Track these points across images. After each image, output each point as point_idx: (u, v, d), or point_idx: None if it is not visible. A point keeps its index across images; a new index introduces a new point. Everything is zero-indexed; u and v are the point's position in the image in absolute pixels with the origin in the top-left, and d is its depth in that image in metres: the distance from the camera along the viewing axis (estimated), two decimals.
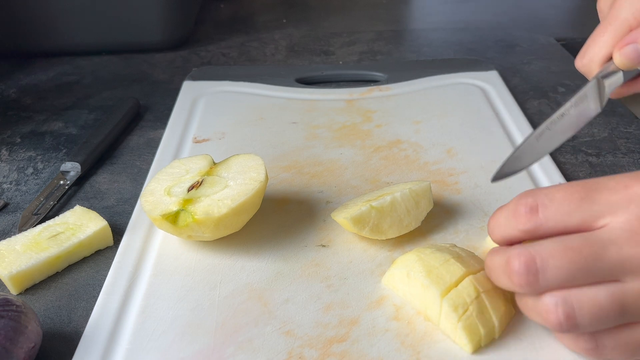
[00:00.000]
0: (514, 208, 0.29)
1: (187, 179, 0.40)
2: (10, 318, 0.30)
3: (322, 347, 0.32)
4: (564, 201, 0.28)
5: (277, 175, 0.47)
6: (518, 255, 0.28)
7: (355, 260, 0.38)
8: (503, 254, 0.29)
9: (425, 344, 0.32)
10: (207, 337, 0.33)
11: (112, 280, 0.37)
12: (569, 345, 0.30)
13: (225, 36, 0.83)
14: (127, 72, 0.71)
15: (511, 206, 0.29)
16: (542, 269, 0.27)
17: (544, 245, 0.27)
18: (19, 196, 0.48)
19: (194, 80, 0.64)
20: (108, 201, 0.47)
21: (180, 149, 0.52)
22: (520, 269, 0.27)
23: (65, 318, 0.36)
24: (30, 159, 0.53)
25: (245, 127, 0.55)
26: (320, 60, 0.74)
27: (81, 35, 0.73)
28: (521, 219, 0.28)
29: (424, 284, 0.33)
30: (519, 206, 0.29)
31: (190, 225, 0.36)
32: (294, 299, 0.35)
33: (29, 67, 0.72)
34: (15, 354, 0.29)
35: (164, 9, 0.73)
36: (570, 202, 0.27)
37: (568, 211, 0.27)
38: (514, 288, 0.28)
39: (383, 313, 0.34)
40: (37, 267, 0.38)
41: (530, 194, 0.29)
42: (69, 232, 0.40)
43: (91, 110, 0.62)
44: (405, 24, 0.89)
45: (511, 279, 0.28)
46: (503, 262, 0.28)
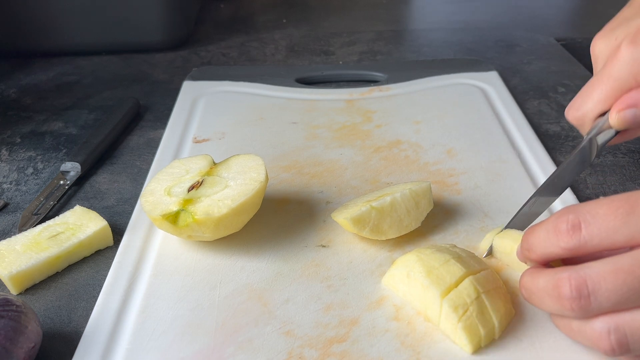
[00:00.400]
0: (555, 225, 0.28)
1: (187, 179, 0.40)
2: (10, 318, 0.30)
3: (322, 347, 0.32)
4: (609, 217, 0.26)
5: (277, 176, 0.47)
6: (568, 279, 0.27)
7: (355, 261, 0.38)
8: (549, 276, 0.28)
9: (425, 344, 0.32)
10: (207, 337, 0.33)
11: (112, 280, 0.37)
12: None
13: (225, 36, 0.83)
14: (127, 72, 0.71)
15: (551, 223, 0.28)
16: (594, 293, 0.26)
17: (594, 267, 0.26)
18: (19, 196, 0.48)
19: (194, 80, 0.64)
20: (108, 201, 0.47)
21: (180, 149, 0.52)
22: (572, 294, 0.26)
23: (65, 318, 0.36)
24: (30, 159, 0.53)
25: (245, 127, 0.55)
26: (320, 60, 0.74)
27: (81, 35, 0.73)
28: (563, 236, 0.27)
29: (424, 284, 0.33)
30: (560, 223, 0.28)
31: (190, 225, 0.36)
32: (294, 299, 0.35)
33: (29, 67, 0.72)
34: (15, 354, 0.29)
35: (164, 9, 0.73)
36: (615, 217, 0.26)
37: (614, 227, 0.26)
38: (562, 312, 0.27)
39: (383, 313, 0.34)
40: (37, 267, 0.38)
41: (571, 210, 0.28)
42: (69, 232, 0.40)
43: (91, 110, 0.62)
44: (405, 24, 0.89)
45: (561, 303, 0.27)
46: (550, 286, 0.28)
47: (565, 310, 0.27)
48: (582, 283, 0.26)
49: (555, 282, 0.27)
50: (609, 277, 0.26)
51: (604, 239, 0.26)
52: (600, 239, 0.26)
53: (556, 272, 0.28)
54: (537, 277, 0.29)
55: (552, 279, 0.28)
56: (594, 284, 0.26)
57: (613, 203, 0.27)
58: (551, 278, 0.28)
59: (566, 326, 0.29)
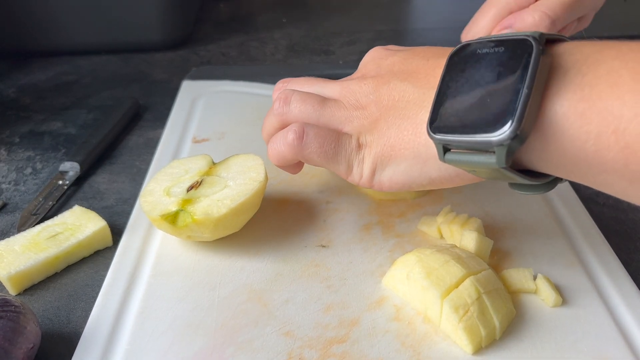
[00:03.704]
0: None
1: (186, 179, 0.40)
2: (9, 319, 0.30)
3: (322, 348, 0.32)
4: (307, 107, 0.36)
5: (277, 176, 0.47)
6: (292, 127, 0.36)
7: (356, 261, 0.38)
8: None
9: (426, 344, 0.32)
10: (206, 338, 0.33)
11: (111, 281, 0.37)
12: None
13: (225, 36, 0.83)
14: (127, 71, 0.71)
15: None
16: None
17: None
18: (18, 196, 0.48)
19: (193, 80, 0.64)
20: (107, 201, 0.47)
21: (179, 149, 0.52)
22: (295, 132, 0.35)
23: (64, 319, 0.36)
24: (29, 158, 0.53)
25: (245, 127, 0.55)
26: (321, 60, 0.73)
27: (80, 34, 0.73)
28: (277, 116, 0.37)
29: (423, 285, 0.33)
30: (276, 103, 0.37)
31: (190, 225, 0.36)
32: (293, 300, 0.35)
33: (28, 67, 0.72)
34: (14, 354, 0.29)
35: (163, 9, 0.73)
36: (312, 107, 0.36)
37: (309, 114, 0.36)
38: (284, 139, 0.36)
39: (383, 314, 0.34)
40: (36, 268, 0.38)
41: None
42: (68, 232, 0.40)
43: (90, 110, 0.62)
44: (405, 23, 0.89)
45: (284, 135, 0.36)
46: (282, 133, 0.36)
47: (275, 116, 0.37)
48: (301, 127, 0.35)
49: (285, 131, 0.36)
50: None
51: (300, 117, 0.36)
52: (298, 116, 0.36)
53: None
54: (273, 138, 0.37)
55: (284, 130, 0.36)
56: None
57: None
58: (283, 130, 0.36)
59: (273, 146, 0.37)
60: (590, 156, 0.24)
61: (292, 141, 0.35)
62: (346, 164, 0.34)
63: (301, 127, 0.35)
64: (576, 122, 0.24)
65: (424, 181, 0.32)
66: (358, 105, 0.34)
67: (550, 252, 0.38)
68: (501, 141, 0.25)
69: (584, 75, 0.24)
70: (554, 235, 0.40)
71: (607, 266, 0.37)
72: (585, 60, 0.25)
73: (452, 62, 0.29)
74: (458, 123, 0.27)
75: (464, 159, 0.28)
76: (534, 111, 0.25)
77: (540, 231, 0.40)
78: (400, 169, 0.32)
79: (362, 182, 0.34)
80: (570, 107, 0.24)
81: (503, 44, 0.27)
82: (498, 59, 0.26)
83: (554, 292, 0.34)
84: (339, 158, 0.34)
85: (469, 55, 0.28)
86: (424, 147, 0.31)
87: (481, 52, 0.27)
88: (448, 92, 0.28)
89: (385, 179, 0.33)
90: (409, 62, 0.34)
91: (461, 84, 0.28)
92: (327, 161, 0.35)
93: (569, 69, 0.25)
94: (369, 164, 0.34)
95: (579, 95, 0.24)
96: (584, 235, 0.40)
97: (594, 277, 0.36)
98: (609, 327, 0.33)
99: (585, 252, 0.38)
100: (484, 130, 0.26)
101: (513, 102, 0.25)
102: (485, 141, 0.26)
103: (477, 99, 0.27)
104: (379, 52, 0.36)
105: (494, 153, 0.26)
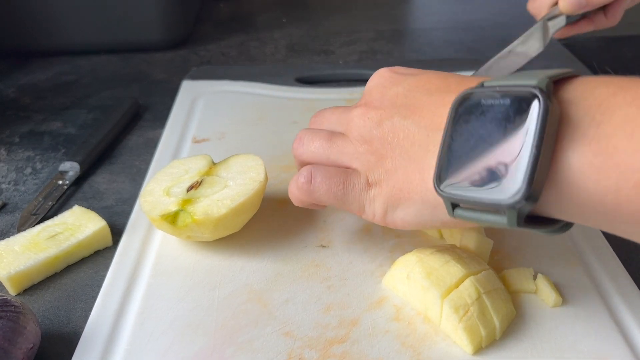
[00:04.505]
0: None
1: (186, 179, 0.40)
2: (9, 319, 0.30)
3: (322, 348, 0.32)
4: (318, 146, 0.36)
5: (277, 175, 0.47)
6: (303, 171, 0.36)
7: (356, 261, 0.38)
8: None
9: (426, 345, 0.32)
10: (206, 338, 0.33)
11: (111, 281, 0.37)
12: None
13: (225, 35, 0.82)
14: (126, 71, 0.71)
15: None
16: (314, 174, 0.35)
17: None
18: (18, 196, 0.48)
19: (193, 80, 0.64)
20: (107, 201, 0.47)
21: (179, 148, 0.52)
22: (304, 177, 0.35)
23: (64, 319, 0.36)
24: (28, 158, 0.53)
25: (245, 127, 0.55)
26: (320, 60, 0.73)
27: (80, 34, 0.73)
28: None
29: (424, 285, 0.33)
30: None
31: (190, 225, 0.36)
32: (293, 300, 0.35)
33: (28, 67, 0.72)
34: (13, 354, 0.29)
35: (163, 8, 0.73)
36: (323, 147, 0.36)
37: (321, 154, 0.36)
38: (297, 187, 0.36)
39: (383, 314, 0.34)
40: (35, 268, 0.38)
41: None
42: (68, 232, 0.40)
43: (90, 110, 0.62)
44: (405, 23, 0.89)
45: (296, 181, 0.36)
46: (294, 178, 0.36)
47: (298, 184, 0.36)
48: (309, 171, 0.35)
49: (296, 176, 0.36)
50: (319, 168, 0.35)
51: (312, 157, 0.36)
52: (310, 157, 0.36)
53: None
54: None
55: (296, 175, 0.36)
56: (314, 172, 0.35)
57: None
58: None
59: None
60: (609, 209, 0.23)
61: (302, 185, 0.35)
62: (357, 204, 0.34)
63: (309, 171, 0.35)
64: (592, 177, 0.23)
65: (435, 223, 0.31)
66: (363, 140, 0.33)
67: (551, 252, 0.38)
68: (512, 204, 0.24)
69: (598, 125, 0.23)
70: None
71: (608, 266, 0.37)
72: (599, 106, 0.23)
73: (457, 113, 0.28)
74: (465, 180, 0.26)
75: (473, 216, 0.27)
76: (545, 168, 0.24)
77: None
78: (411, 211, 0.32)
79: (376, 221, 0.34)
80: (585, 161, 0.23)
81: (508, 96, 0.25)
82: (504, 113, 0.25)
83: (554, 292, 0.34)
84: (349, 199, 0.34)
85: (473, 106, 0.27)
86: (431, 193, 0.29)
87: (486, 104, 0.26)
88: (453, 146, 0.27)
89: (398, 219, 0.33)
90: (412, 96, 0.32)
91: (466, 138, 0.27)
92: (338, 202, 0.34)
93: (581, 118, 0.23)
94: (380, 204, 0.33)
95: (594, 148, 0.23)
96: (584, 235, 0.40)
97: (594, 277, 0.36)
98: (609, 327, 0.33)
99: (586, 252, 0.38)
100: (493, 190, 0.25)
101: (522, 161, 0.24)
102: (495, 203, 0.25)
103: (484, 156, 0.26)
104: (385, 79, 0.35)
105: (504, 213, 0.25)
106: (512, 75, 0.27)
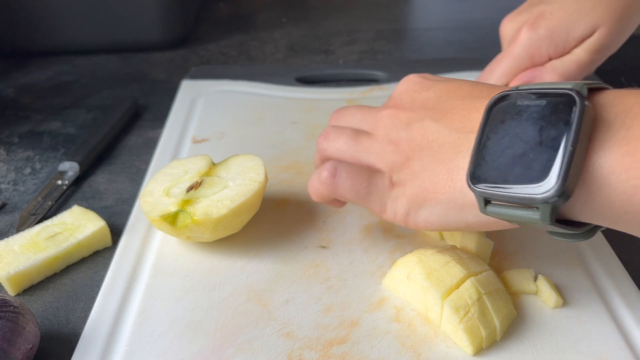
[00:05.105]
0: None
1: (186, 180, 0.40)
2: (8, 319, 0.30)
3: (322, 349, 0.32)
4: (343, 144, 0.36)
5: (277, 176, 0.47)
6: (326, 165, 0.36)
7: (356, 262, 0.38)
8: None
9: (426, 345, 0.32)
10: (206, 339, 0.33)
11: (111, 281, 0.37)
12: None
13: (225, 35, 0.82)
14: (126, 71, 0.71)
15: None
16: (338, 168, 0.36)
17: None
18: (17, 196, 0.48)
19: (193, 80, 0.64)
20: (106, 201, 0.47)
21: (179, 149, 0.52)
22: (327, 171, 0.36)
23: (63, 319, 0.36)
24: (28, 158, 0.53)
25: (245, 126, 0.55)
26: (320, 60, 0.73)
27: (79, 34, 0.73)
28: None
29: (424, 286, 0.32)
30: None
31: (189, 226, 0.36)
32: (293, 301, 0.35)
33: (27, 67, 0.72)
34: (13, 355, 0.29)
35: (163, 8, 0.73)
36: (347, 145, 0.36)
37: (345, 151, 0.36)
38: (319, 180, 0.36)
39: (383, 315, 0.34)
40: (35, 268, 0.37)
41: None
42: (67, 232, 0.40)
43: (89, 110, 0.62)
44: (405, 22, 0.88)
45: (319, 174, 0.36)
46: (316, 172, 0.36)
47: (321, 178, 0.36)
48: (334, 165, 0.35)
49: (320, 170, 0.36)
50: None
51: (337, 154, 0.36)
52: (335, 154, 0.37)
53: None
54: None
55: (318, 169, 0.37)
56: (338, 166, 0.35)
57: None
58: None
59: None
60: (637, 207, 0.24)
61: (325, 179, 0.35)
62: (379, 203, 0.34)
63: (334, 166, 0.35)
64: (622, 176, 0.24)
65: (460, 225, 0.32)
66: (389, 141, 0.33)
67: (551, 253, 0.38)
68: (546, 199, 0.25)
69: (628, 128, 0.24)
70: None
71: (608, 267, 0.37)
72: (629, 112, 0.25)
73: (492, 112, 0.28)
74: (499, 177, 0.27)
75: (506, 212, 0.27)
76: (578, 167, 0.25)
77: (541, 232, 0.40)
78: (436, 212, 0.32)
79: (397, 221, 0.34)
80: (615, 161, 0.24)
81: (544, 97, 0.26)
82: (540, 113, 0.26)
83: (554, 293, 0.34)
84: (371, 197, 0.34)
85: (509, 106, 0.28)
86: (460, 193, 0.30)
87: (522, 105, 0.27)
88: (488, 144, 0.28)
89: (421, 219, 0.33)
90: (444, 101, 0.32)
91: (501, 136, 0.27)
92: (360, 199, 0.34)
93: (612, 122, 0.25)
94: (403, 204, 0.33)
95: (624, 149, 0.24)
96: None
97: (595, 278, 0.36)
98: (609, 328, 0.33)
99: (586, 253, 0.38)
100: (527, 186, 0.26)
101: (557, 159, 0.25)
102: (529, 198, 0.25)
103: (519, 153, 0.26)
104: (415, 84, 0.35)
105: (537, 209, 0.26)
106: (545, 82, 0.28)
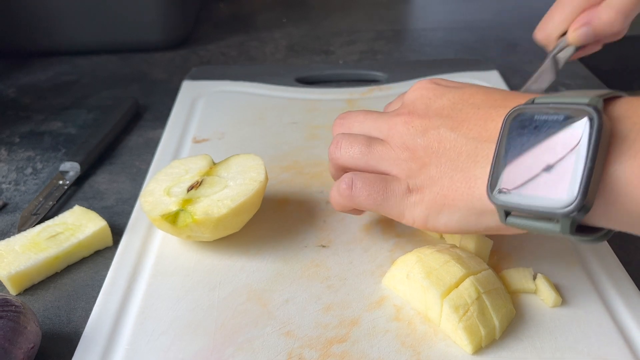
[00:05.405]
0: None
1: (186, 179, 0.40)
2: (9, 319, 0.30)
3: (322, 348, 0.32)
4: (355, 155, 0.37)
5: (277, 176, 0.47)
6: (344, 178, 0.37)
7: (356, 261, 0.38)
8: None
9: (426, 344, 0.32)
10: (206, 338, 0.33)
11: (112, 281, 0.37)
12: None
13: (225, 35, 0.82)
14: (126, 71, 0.71)
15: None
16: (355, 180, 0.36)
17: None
18: (18, 196, 0.48)
19: (193, 80, 0.64)
20: (107, 201, 0.47)
21: (179, 149, 0.52)
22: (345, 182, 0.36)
23: (64, 319, 0.36)
24: (29, 158, 0.53)
25: (245, 127, 0.55)
26: (321, 60, 0.74)
27: (80, 34, 0.73)
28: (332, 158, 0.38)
29: (423, 285, 0.33)
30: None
31: (190, 225, 0.36)
32: (293, 300, 0.35)
33: (28, 67, 0.72)
34: (14, 354, 0.29)
35: (163, 8, 0.73)
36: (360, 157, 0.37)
37: (358, 159, 0.37)
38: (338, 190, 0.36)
39: (383, 314, 0.34)
40: (36, 268, 0.38)
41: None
42: (68, 232, 0.40)
43: (90, 110, 0.62)
44: (405, 23, 0.89)
45: (338, 185, 0.36)
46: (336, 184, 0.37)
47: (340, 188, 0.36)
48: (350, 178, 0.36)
49: (338, 182, 0.37)
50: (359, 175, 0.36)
51: (350, 162, 0.37)
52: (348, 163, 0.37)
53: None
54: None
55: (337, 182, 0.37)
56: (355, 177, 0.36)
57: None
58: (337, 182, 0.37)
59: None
60: None
61: (343, 191, 0.36)
62: (397, 210, 0.34)
63: (350, 178, 0.35)
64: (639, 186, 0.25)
65: (480, 229, 0.32)
66: (405, 147, 0.34)
67: (550, 252, 0.38)
68: (567, 213, 0.25)
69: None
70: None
71: (607, 266, 0.37)
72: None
73: (510, 125, 0.29)
74: (519, 189, 0.27)
75: (526, 223, 0.28)
76: (597, 180, 0.25)
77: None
78: (455, 218, 0.32)
79: (416, 226, 0.34)
80: (632, 172, 0.25)
81: (562, 112, 0.27)
82: (557, 128, 0.27)
83: (553, 292, 0.34)
84: (389, 204, 0.34)
85: (526, 120, 0.28)
86: (479, 201, 0.30)
87: (539, 119, 0.28)
88: (507, 156, 0.28)
89: (440, 224, 0.33)
90: (459, 109, 0.33)
91: (520, 150, 0.28)
92: (378, 207, 0.35)
93: (627, 134, 0.25)
94: (422, 210, 0.33)
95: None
96: None
97: (594, 277, 0.36)
98: (608, 328, 0.33)
99: (585, 253, 0.38)
100: (547, 199, 0.26)
101: (577, 174, 0.25)
102: (549, 211, 0.26)
103: (538, 166, 0.27)
104: (428, 91, 0.35)
105: (557, 221, 0.26)
106: (562, 94, 0.29)
